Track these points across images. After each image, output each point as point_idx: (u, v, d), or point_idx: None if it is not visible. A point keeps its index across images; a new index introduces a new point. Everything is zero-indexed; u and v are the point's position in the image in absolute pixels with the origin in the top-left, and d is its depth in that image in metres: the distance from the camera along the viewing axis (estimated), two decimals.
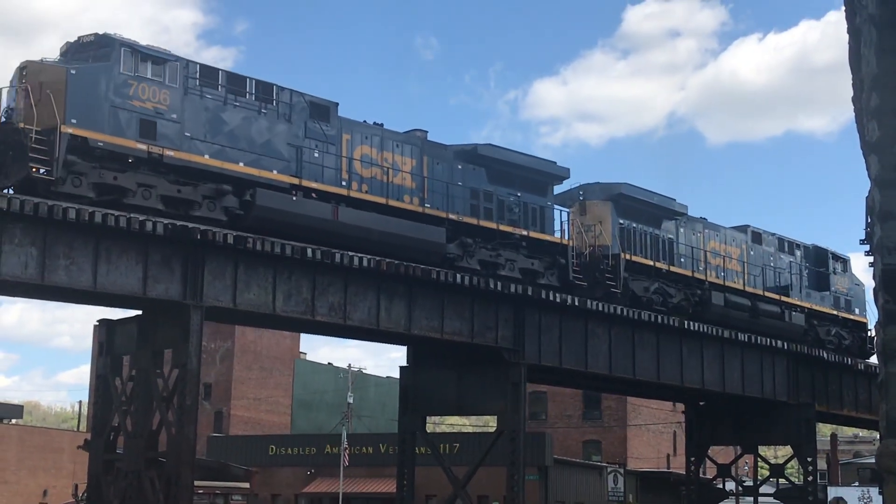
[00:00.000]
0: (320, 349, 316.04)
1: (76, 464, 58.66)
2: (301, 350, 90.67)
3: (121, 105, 28.49)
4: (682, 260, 43.19)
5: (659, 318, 40.55)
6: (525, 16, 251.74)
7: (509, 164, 37.46)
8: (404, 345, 39.89)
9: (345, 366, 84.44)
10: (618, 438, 74.11)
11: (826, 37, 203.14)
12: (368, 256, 32.14)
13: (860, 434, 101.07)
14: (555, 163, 39.27)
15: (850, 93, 7.55)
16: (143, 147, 28.59)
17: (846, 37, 7.52)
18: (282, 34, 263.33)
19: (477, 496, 48.12)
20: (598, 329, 39.67)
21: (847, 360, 49.54)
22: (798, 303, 48.50)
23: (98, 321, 35.29)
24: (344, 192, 32.79)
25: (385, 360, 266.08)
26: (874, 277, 7.58)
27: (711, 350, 44.16)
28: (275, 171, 31.26)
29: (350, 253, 31.73)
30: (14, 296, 32.68)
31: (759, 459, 54.99)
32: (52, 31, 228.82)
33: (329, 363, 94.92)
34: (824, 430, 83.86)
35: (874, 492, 56.61)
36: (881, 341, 7.32)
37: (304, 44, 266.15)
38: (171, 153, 29.05)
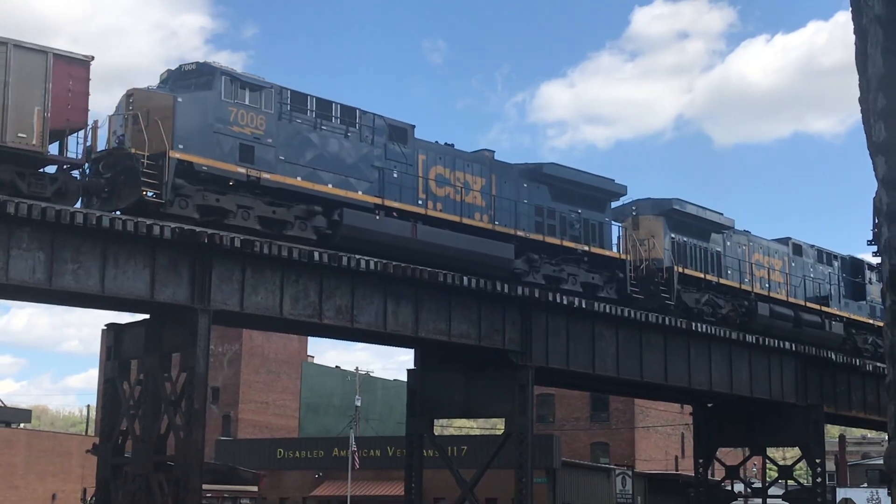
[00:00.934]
0: (328, 352, 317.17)
1: (85, 468, 58.73)
2: (309, 353, 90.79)
3: (222, 130, 30.01)
4: (730, 272, 44.67)
5: (666, 319, 40.51)
6: (532, 18, 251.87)
7: (571, 181, 38.82)
8: (411, 348, 39.90)
9: (352, 369, 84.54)
10: (626, 440, 74.08)
11: (834, 38, 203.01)
12: (375, 259, 32.18)
13: (869, 435, 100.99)
14: (613, 180, 40.60)
15: (858, 94, 7.55)
16: (243, 170, 30.16)
17: (853, 37, 7.52)
18: (290, 38, 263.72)
19: (485, 499, 48.08)
20: (606, 331, 39.65)
21: (855, 362, 49.47)
22: (837, 312, 49.46)
23: (106, 325, 35.33)
24: (421, 210, 34.29)
25: (393, 363, 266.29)
26: (882, 278, 7.57)
27: (719, 351, 44.10)
28: (360, 192, 32.77)
29: (357, 256, 31.77)
30: (22, 300, 32.74)
31: (767, 461, 54.93)
32: (59, 35, 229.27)
33: (336, 366, 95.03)
34: (833, 432, 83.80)
35: (883, 493, 56.56)
36: (889, 343, 7.30)
37: (312, 47, 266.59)
38: (267, 176, 30.62)
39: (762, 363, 45.96)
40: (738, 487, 54.09)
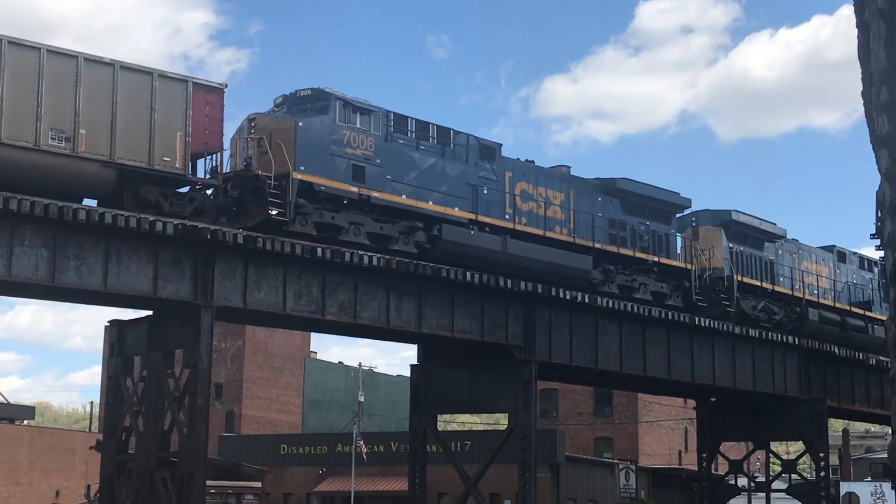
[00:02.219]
0: (332, 348, 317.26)
1: (88, 464, 58.80)
2: (312, 349, 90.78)
3: (337, 152, 31.99)
4: (782, 279, 46.93)
5: (669, 314, 40.52)
6: (536, 13, 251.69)
7: (641, 195, 40.99)
8: (415, 343, 39.91)
9: (356, 365, 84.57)
10: (629, 435, 74.05)
11: (839, 32, 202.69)
12: (378, 255, 32.20)
13: (872, 429, 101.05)
14: (678, 193, 42.73)
15: (862, 88, 7.53)
16: (355, 189, 32.13)
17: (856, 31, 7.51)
18: (295, 34, 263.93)
19: (489, 494, 48.16)
20: (609, 326, 39.65)
21: (859, 356, 49.48)
22: (879, 317, 50.31)
23: (109, 322, 35.36)
24: (510, 225, 36.19)
25: (397, 359, 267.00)
26: (885, 272, 7.56)
27: (723, 346, 44.09)
28: (456, 209, 34.75)
29: (360, 252, 31.79)
30: (25, 297, 32.85)
31: (771, 455, 54.91)
32: (64, 33, 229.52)
33: (340, 362, 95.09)
34: (836, 426, 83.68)
35: (887, 487, 56.46)
36: (893, 336, 7.30)
37: (317, 44, 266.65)
38: (376, 194, 32.62)
39: (765, 357, 45.94)
40: (742, 482, 54.11)
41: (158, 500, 29.90)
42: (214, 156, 30.25)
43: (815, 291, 48.66)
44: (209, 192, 30.38)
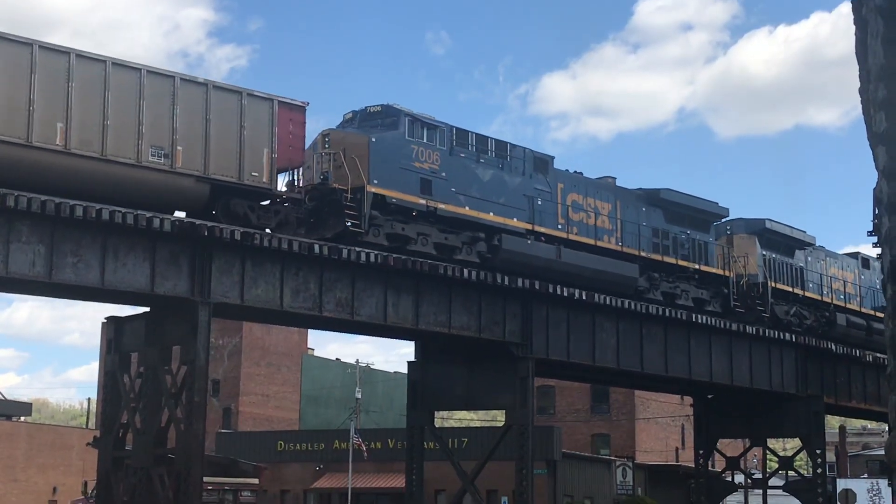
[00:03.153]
0: (330, 345, 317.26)
1: (85, 461, 58.78)
2: (309, 346, 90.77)
3: (407, 166, 33.50)
4: (811, 285, 48.80)
5: (666, 311, 40.55)
6: (535, 9, 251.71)
7: (682, 205, 42.80)
8: (412, 340, 39.89)
9: (353, 361, 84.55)
10: (626, 432, 74.10)
11: (837, 29, 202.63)
12: (375, 252, 32.20)
13: (869, 426, 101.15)
14: (717, 203, 44.61)
15: (860, 85, 7.53)
16: (423, 202, 33.69)
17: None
18: (294, 32, 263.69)
19: (486, 490, 48.19)
20: (606, 323, 39.66)
21: (855, 352, 49.51)
22: None
23: (106, 318, 35.34)
24: (563, 234, 37.65)
25: (395, 356, 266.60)
26: (882, 269, 7.56)
27: (719, 343, 44.11)
28: (515, 219, 36.17)
29: (357, 249, 31.80)
30: (22, 293, 32.88)
31: (767, 452, 54.96)
32: (62, 28, 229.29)
33: (337, 359, 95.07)
34: (833, 423, 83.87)
35: (883, 483, 56.60)
36: (890, 333, 7.31)
37: (316, 40, 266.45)
38: (442, 206, 34.14)
39: (762, 354, 45.97)
40: (739, 478, 54.12)
41: (155, 497, 29.90)
42: (292, 170, 31.73)
43: (842, 297, 50.55)
44: (286, 204, 31.74)
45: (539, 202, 37.12)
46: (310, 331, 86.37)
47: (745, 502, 56.16)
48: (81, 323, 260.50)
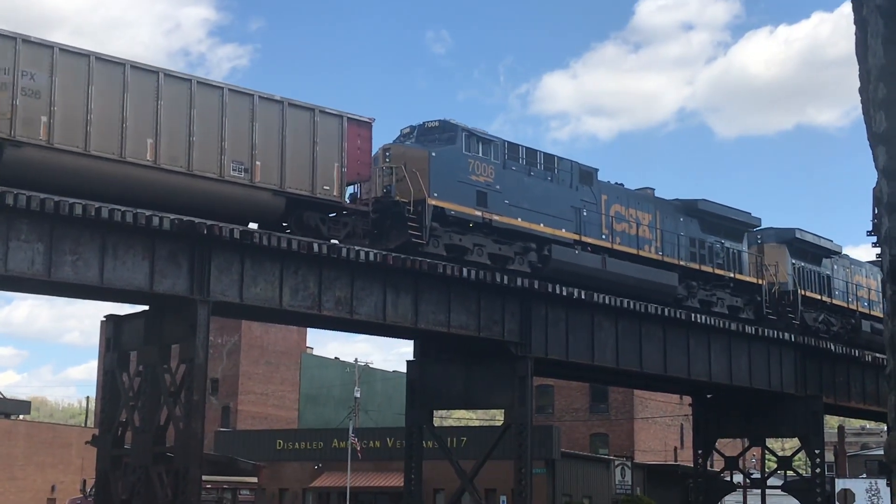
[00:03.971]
0: (329, 344, 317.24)
1: (84, 459, 58.80)
2: (308, 345, 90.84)
3: (464, 180, 34.75)
4: (837, 293, 50.35)
5: (665, 310, 40.56)
6: (537, 8, 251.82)
7: (718, 216, 44.23)
8: (411, 339, 39.87)
9: (352, 360, 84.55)
10: (625, 431, 74.15)
11: (838, 29, 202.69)
12: (375, 251, 32.21)
13: (868, 426, 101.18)
14: (749, 213, 46.05)
15: (859, 85, 7.53)
16: (479, 213, 34.93)
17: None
18: (295, 31, 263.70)
19: (484, 490, 48.18)
20: (605, 322, 39.66)
21: (854, 352, 49.52)
22: None
23: (105, 317, 35.33)
24: (608, 244, 39.06)
25: (394, 355, 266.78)
26: (882, 269, 7.56)
27: (719, 342, 44.11)
28: (563, 230, 37.45)
29: (356, 248, 31.81)
30: (21, 291, 32.85)
31: (766, 452, 54.97)
32: (62, 27, 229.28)
33: (336, 358, 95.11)
34: (832, 423, 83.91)
35: (882, 483, 56.61)
36: (889, 333, 7.30)
37: (317, 39, 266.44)
38: (497, 218, 35.36)
39: (761, 354, 45.97)
40: (738, 478, 54.12)
41: (154, 495, 29.89)
42: (358, 184, 33.21)
43: (867, 304, 51.76)
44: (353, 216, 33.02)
45: (585, 213, 38.48)
46: (309, 329, 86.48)
47: (743, 502, 56.22)
48: (81, 321, 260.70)
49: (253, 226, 30.94)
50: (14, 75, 26.78)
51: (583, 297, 37.42)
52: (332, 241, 31.80)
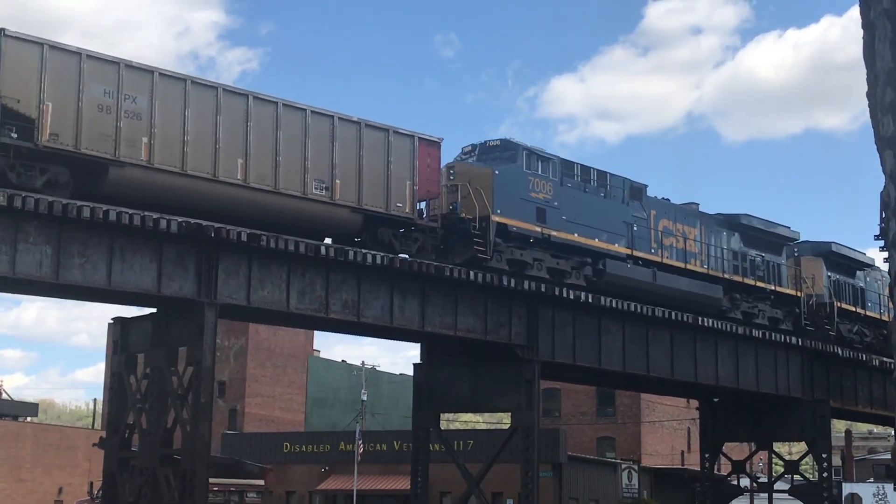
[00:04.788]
0: (336, 347, 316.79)
1: (91, 461, 58.86)
2: (315, 347, 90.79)
3: (525, 197, 35.98)
4: (870, 304, 51.66)
5: (672, 314, 40.53)
6: (545, 12, 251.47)
7: (758, 229, 45.86)
8: (418, 342, 39.89)
9: (359, 363, 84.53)
10: (632, 435, 74.04)
11: (847, 33, 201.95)
12: (381, 254, 32.23)
13: (875, 430, 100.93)
14: (789, 227, 47.70)
15: (867, 89, 7.52)
16: (539, 229, 36.23)
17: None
18: (306, 35, 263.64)
19: (491, 493, 48.13)
20: (612, 325, 39.63)
21: (861, 357, 49.47)
22: None
23: (112, 319, 35.39)
24: (657, 258, 40.49)
25: (401, 358, 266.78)
26: (889, 273, 7.56)
27: (726, 346, 44.08)
28: (616, 245, 38.88)
29: (363, 250, 31.85)
30: (29, 294, 32.96)
31: (773, 456, 54.89)
32: (71, 29, 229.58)
33: (343, 360, 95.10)
34: (839, 427, 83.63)
35: (889, 488, 56.44)
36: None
37: (326, 43, 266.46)
38: (555, 234, 36.62)
39: (768, 358, 45.93)
40: (744, 482, 54.11)
41: (161, 498, 29.93)
42: (428, 201, 34.40)
43: None
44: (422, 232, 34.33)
45: (636, 228, 39.78)
46: (316, 332, 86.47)
47: None
48: (89, 324, 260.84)
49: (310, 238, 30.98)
50: (117, 98, 28.05)
51: (590, 300, 37.41)
52: (403, 255, 33.11)
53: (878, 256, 51.79)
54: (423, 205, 34.32)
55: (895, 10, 7.02)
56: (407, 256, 32.84)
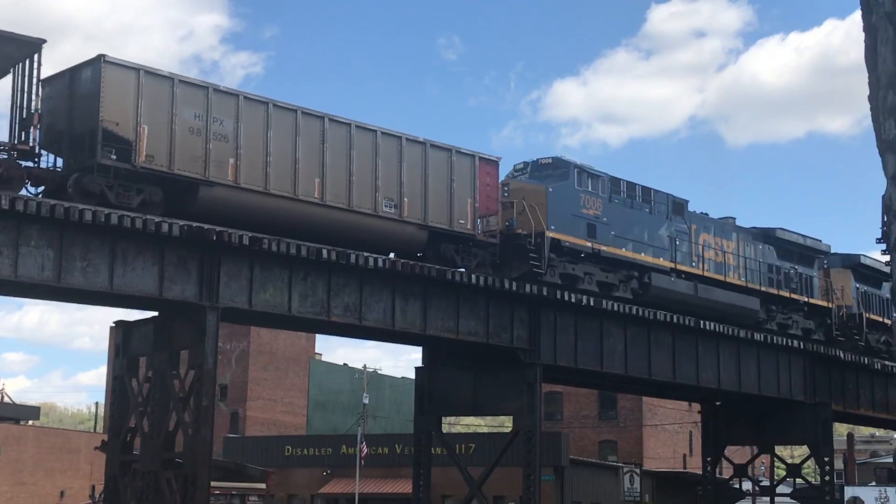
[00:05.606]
0: (338, 350, 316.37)
1: (93, 465, 58.90)
2: (317, 351, 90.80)
3: (577, 213, 37.39)
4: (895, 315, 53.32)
5: (674, 317, 40.53)
6: (548, 15, 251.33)
7: (792, 243, 47.51)
8: (420, 345, 39.86)
9: (361, 366, 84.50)
10: (634, 438, 73.99)
11: (850, 37, 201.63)
12: (384, 257, 32.24)
13: (877, 433, 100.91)
14: (820, 241, 49.25)
15: (869, 92, 7.52)
16: (589, 244, 37.62)
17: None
18: (311, 39, 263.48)
19: (493, 496, 48.11)
20: (614, 329, 39.62)
21: (863, 360, 49.45)
22: None
23: (114, 322, 35.40)
24: (699, 272, 42.03)
25: (404, 361, 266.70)
26: (891, 276, 7.57)
27: (727, 349, 44.05)
28: (661, 259, 40.35)
29: (365, 253, 31.86)
30: (31, 297, 33.08)
31: (775, 459, 54.84)
32: (75, 33, 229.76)
33: (344, 364, 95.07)
34: (841, 430, 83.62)
35: (891, 491, 56.40)
36: None
37: (330, 46, 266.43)
38: (605, 248, 38.09)
39: (770, 361, 45.90)
40: (747, 485, 54.04)
41: (163, 501, 29.92)
42: (487, 217, 35.66)
43: None
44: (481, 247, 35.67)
45: (678, 242, 41.28)
46: (317, 336, 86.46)
47: None
48: (91, 327, 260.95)
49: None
50: (206, 121, 29.43)
51: (591, 303, 37.41)
52: (462, 269, 34.52)
53: (881, 260, 51.83)
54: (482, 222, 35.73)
55: None
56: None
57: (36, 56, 28.06)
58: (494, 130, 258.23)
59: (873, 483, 69.45)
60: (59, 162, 28.97)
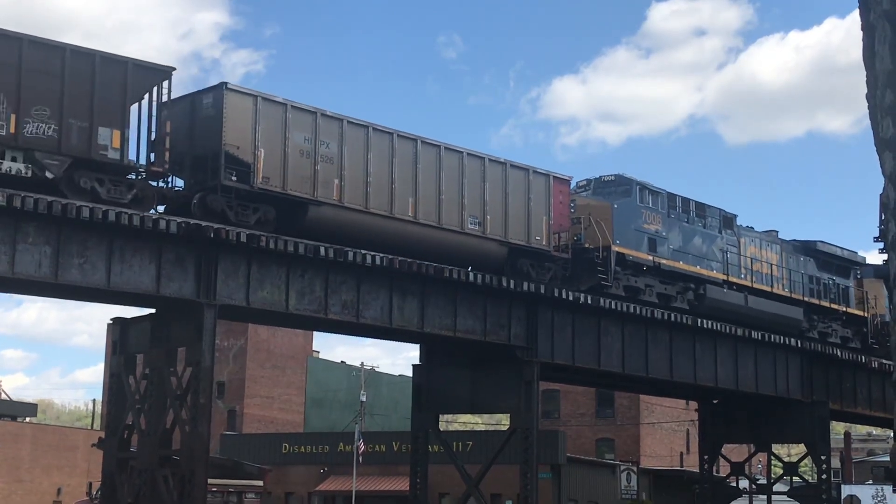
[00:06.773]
0: (336, 348, 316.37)
1: (90, 462, 58.82)
2: (315, 348, 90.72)
3: (639, 228, 39.50)
4: None
5: (672, 316, 40.55)
6: (548, 13, 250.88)
7: (831, 255, 49.78)
8: (417, 343, 39.89)
9: (359, 364, 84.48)
10: (631, 436, 74.01)
11: (850, 36, 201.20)
12: (381, 255, 32.23)
13: (874, 432, 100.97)
14: (856, 252, 51.88)
15: (867, 91, 7.52)
16: (650, 258, 39.81)
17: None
18: (311, 37, 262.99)
19: (490, 494, 48.12)
20: (612, 327, 39.64)
21: (861, 359, 49.51)
22: None
23: (112, 320, 35.39)
24: (748, 283, 44.15)
25: (401, 359, 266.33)
26: (889, 274, 7.56)
27: (725, 348, 44.09)
28: (714, 271, 42.59)
29: (363, 251, 31.85)
30: (28, 294, 33.14)
31: (772, 457, 54.89)
32: (75, 30, 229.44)
33: (342, 361, 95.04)
34: (838, 429, 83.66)
35: (888, 490, 56.46)
36: (895, 340, 7.29)
37: (330, 44, 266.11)
38: (664, 262, 40.23)
39: (768, 359, 45.94)
40: (744, 484, 54.07)
41: (160, 498, 29.93)
42: (559, 233, 37.15)
43: None
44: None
45: (729, 255, 43.35)
46: (315, 333, 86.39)
47: None
48: (89, 324, 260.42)
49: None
50: (314, 144, 31.32)
51: (589, 301, 37.42)
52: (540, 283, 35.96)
53: (878, 259, 51.94)
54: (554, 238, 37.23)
55: (895, 12, 7.02)
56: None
57: (165, 82, 29.09)
58: (494, 128, 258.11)
59: (870, 481, 69.45)
60: (178, 182, 30.67)
